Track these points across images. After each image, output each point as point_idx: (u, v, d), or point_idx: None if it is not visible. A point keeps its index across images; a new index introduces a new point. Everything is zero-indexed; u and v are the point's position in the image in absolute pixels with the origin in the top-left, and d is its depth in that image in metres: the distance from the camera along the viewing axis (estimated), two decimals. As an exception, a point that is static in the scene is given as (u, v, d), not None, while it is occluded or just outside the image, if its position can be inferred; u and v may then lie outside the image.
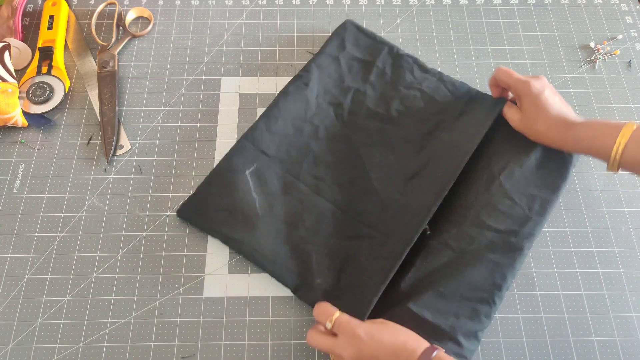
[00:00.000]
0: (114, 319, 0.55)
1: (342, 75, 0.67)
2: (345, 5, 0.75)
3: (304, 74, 0.66)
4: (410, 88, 0.65)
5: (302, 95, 0.65)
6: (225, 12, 0.75)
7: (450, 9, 0.76)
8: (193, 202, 0.59)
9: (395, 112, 0.64)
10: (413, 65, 0.67)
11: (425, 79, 0.66)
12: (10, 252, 0.58)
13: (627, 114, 0.67)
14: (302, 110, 0.64)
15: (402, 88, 0.66)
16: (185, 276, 0.57)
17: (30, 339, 0.54)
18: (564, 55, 0.72)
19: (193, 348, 0.54)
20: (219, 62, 0.71)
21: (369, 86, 0.66)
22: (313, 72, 0.66)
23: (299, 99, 0.65)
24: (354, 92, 0.66)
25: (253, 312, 0.55)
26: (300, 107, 0.64)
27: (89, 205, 0.61)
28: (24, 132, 0.65)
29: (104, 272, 0.57)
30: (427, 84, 0.66)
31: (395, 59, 0.68)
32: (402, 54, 0.68)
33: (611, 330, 0.55)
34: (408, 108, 0.64)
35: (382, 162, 0.61)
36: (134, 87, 0.68)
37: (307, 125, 0.64)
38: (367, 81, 0.66)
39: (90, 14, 0.74)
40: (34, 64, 0.68)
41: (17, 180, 0.62)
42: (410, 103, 0.65)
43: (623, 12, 0.75)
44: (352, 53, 0.68)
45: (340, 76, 0.67)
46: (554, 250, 0.59)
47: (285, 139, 0.62)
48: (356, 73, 0.67)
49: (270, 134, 0.62)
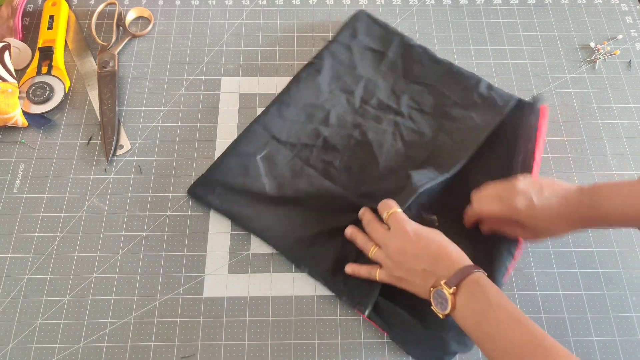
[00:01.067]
0: (114, 319, 0.55)
1: (354, 63, 0.68)
2: (345, 5, 0.75)
3: (316, 61, 0.68)
4: (420, 81, 0.66)
5: (314, 81, 0.66)
6: (225, 12, 0.75)
7: (450, 9, 0.76)
8: (203, 182, 0.60)
9: (405, 106, 0.65)
10: (423, 55, 0.68)
11: (435, 70, 0.67)
12: (10, 252, 0.58)
13: (627, 114, 0.67)
14: (314, 96, 0.65)
15: (412, 81, 0.66)
16: (185, 276, 0.57)
17: (30, 339, 0.54)
18: (564, 55, 0.72)
19: (193, 348, 0.54)
20: (219, 62, 0.71)
21: (380, 76, 0.67)
22: (326, 59, 0.68)
23: (310, 85, 0.66)
24: (365, 81, 0.67)
25: (253, 312, 0.55)
26: (311, 93, 0.65)
27: (89, 205, 0.61)
28: (24, 132, 0.65)
29: (104, 272, 0.57)
30: (437, 75, 0.66)
31: (406, 50, 0.68)
32: (413, 44, 0.69)
33: (611, 330, 0.55)
34: (417, 102, 0.65)
35: (391, 149, 0.62)
36: (134, 87, 0.68)
37: (318, 111, 0.65)
38: (378, 70, 0.68)
39: (90, 14, 0.74)
40: (34, 64, 0.68)
41: (17, 180, 0.62)
42: (419, 97, 0.66)
43: (623, 12, 0.75)
44: (364, 42, 0.69)
45: (352, 64, 0.68)
46: (554, 250, 0.59)
47: (296, 125, 0.63)
48: (368, 62, 0.68)
49: (281, 119, 0.64)
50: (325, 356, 0.53)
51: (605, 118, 0.67)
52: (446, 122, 0.63)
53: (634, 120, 0.67)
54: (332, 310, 0.56)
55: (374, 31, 0.70)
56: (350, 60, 0.68)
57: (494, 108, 0.63)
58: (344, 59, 0.68)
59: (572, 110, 0.67)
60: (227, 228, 0.60)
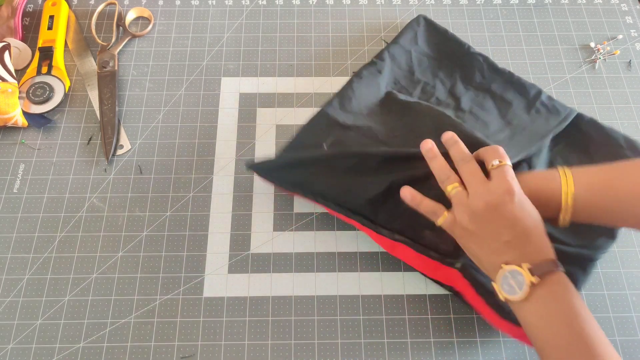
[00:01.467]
0: (114, 319, 0.55)
1: (413, 68, 0.67)
2: (345, 5, 0.75)
3: (377, 61, 0.67)
4: (480, 89, 0.65)
5: (375, 81, 0.65)
6: (225, 12, 0.75)
7: (451, 9, 0.76)
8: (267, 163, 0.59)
9: (466, 105, 0.64)
10: (483, 64, 0.67)
11: (494, 80, 0.66)
12: (10, 252, 0.58)
13: (627, 114, 0.67)
14: (374, 96, 0.65)
15: (471, 88, 0.66)
16: (185, 276, 0.57)
17: (30, 339, 0.54)
18: (564, 55, 0.72)
19: (193, 348, 0.54)
20: (219, 62, 0.71)
21: (439, 81, 0.66)
22: (386, 61, 0.67)
23: (372, 84, 0.65)
24: (423, 84, 0.66)
25: (253, 312, 0.55)
26: (372, 92, 0.65)
27: (89, 205, 0.61)
28: (24, 132, 0.65)
29: (104, 272, 0.57)
30: (497, 83, 0.65)
31: (466, 58, 0.67)
32: (473, 52, 0.67)
33: (611, 330, 0.55)
34: (478, 104, 0.64)
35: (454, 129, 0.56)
36: (134, 87, 0.68)
37: (379, 109, 0.64)
38: (437, 77, 0.67)
39: (90, 14, 0.74)
40: (34, 64, 0.68)
41: (17, 180, 0.62)
42: (480, 100, 0.64)
43: (623, 12, 0.75)
44: (423, 48, 0.69)
45: (410, 69, 0.67)
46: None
47: (359, 117, 0.62)
48: (426, 68, 0.68)
49: (344, 111, 0.63)
50: (325, 356, 0.53)
51: (605, 118, 0.67)
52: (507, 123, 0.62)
53: (634, 120, 0.67)
54: (332, 310, 0.56)
55: (433, 37, 0.69)
56: (409, 65, 0.67)
57: (556, 117, 0.61)
58: (402, 64, 0.67)
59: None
60: (227, 228, 0.60)
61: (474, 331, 0.55)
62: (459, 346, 0.54)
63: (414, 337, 0.54)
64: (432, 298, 0.56)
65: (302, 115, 0.66)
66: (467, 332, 0.54)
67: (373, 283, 0.57)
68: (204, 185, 0.62)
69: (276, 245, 0.59)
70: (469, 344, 0.54)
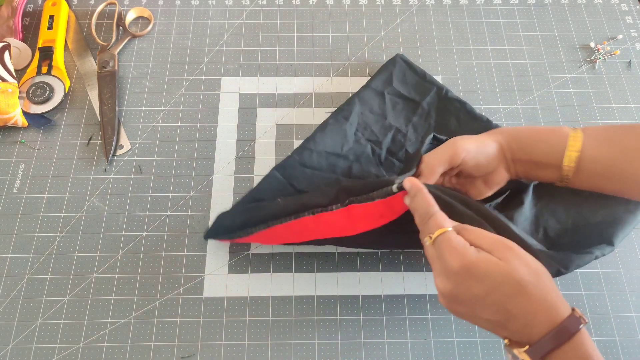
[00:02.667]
0: (114, 319, 0.55)
1: (385, 112, 0.65)
2: (345, 5, 0.75)
3: (345, 107, 0.65)
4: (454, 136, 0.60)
5: (341, 129, 0.63)
6: (225, 12, 0.75)
7: (450, 9, 0.76)
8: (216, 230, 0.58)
9: None
10: (460, 110, 0.64)
11: (471, 127, 0.63)
12: (10, 252, 0.58)
13: (627, 114, 0.67)
14: (339, 146, 0.63)
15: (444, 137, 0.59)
16: (185, 276, 0.57)
17: (30, 339, 0.54)
18: (564, 55, 0.72)
19: (193, 348, 0.54)
20: (219, 62, 0.71)
21: (412, 128, 0.64)
22: (354, 106, 0.65)
23: (337, 132, 0.63)
24: (394, 131, 0.64)
25: (253, 312, 0.55)
26: (337, 142, 0.63)
27: (89, 205, 0.61)
28: (24, 132, 0.65)
29: (104, 272, 0.57)
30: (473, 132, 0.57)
31: (442, 102, 0.65)
32: (451, 97, 0.65)
33: (611, 330, 0.55)
34: None
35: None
36: (134, 87, 0.68)
37: (341, 161, 0.62)
38: (410, 122, 0.64)
39: (90, 14, 0.74)
40: (34, 64, 0.68)
41: (17, 180, 0.62)
42: None
43: (623, 12, 0.75)
44: (398, 89, 0.66)
45: (382, 112, 0.65)
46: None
47: (317, 174, 0.61)
48: (400, 112, 0.65)
49: (302, 167, 0.61)
50: (325, 356, 0.53)
51: (605, 118, 0.67)
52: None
53: (634, 120, 0.67)
54: (332, 310, 0.56)
55: (409, 78, 0.67)
56: (381, 109, 0.65)
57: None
58: (374, 107, 0.65)
59: (572, 110, 0.67)
60: (227, 228, 0.60)
61: (474, 331, 0.55)
62: (459, 346, 0.54)
63: (414, 337, 0.54)
64: (432, 298, 0.56)
65: (302, 115, 0.66)
66: (467, 332, 0.55)
67: (373, 283, 0.57)
68: (204, 185, 0.62)
69: (276, 245, 0.59)
70: (469, 344, 0.54)
